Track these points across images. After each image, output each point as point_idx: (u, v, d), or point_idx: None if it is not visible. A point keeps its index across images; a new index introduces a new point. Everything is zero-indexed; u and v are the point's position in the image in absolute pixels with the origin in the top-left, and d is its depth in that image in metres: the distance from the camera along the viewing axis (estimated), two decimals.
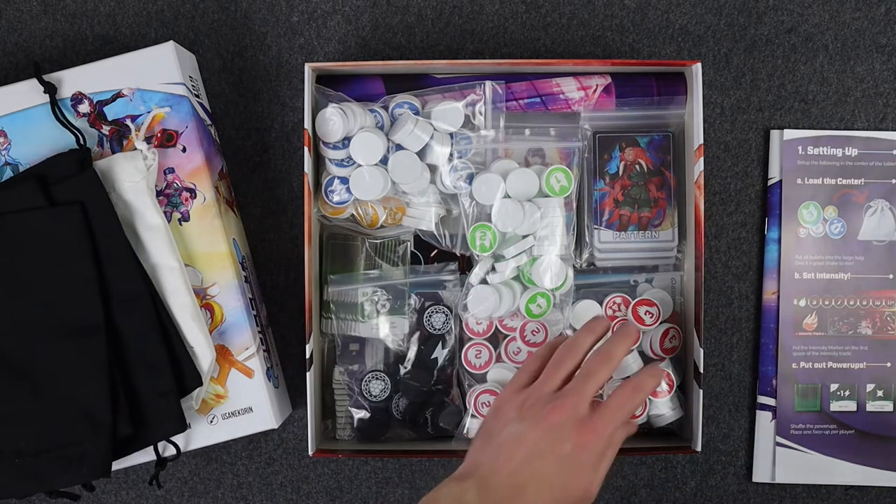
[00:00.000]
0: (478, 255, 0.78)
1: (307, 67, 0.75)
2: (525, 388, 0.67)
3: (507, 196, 0.77)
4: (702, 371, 0.74)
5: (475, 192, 0.77)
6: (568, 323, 0.79)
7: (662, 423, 0.78)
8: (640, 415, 0.77)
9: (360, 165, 0.77)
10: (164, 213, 0.75)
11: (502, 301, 0.77)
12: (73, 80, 0.76)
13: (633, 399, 0.65)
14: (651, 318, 0.78)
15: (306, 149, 0.75)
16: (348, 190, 0.77)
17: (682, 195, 0.80)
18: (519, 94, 0.79)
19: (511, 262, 0.77)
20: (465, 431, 0.78)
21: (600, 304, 0.79)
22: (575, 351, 0.68)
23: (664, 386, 0.77)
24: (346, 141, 0.77)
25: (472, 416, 0.78)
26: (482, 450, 0.65)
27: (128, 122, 0.76)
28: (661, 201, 0.79)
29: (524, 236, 0.78)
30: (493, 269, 0.78)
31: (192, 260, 0.76)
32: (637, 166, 0.79)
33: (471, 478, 0.63)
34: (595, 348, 0.68)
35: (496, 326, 0.79)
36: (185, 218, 0.76)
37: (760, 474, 0.85)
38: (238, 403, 0.77)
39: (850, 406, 0.85)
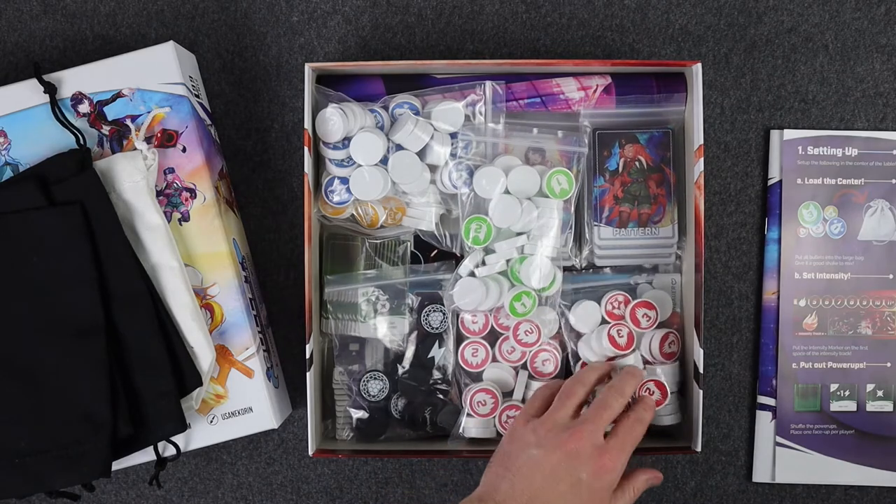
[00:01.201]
0: (469, 248, 0.78)
1: (307, 67, 0.75)
2: (537, 417, 0.70)
3: (506, 192, 0.77)
4: (702, 371, 0.74)
5: (476, 184, 0.77)
6: (568, 324, 0.79)
7: (661, 424, 0.78)
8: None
9: (360, 165, 0.77)
10: (164, 213, 0.75)
11: (489, 295, 0.77)
12: (73, 80, 0.76)
13: (636, 429, 0.69)
14: (648, 320, 0.77)
15: (306, 149, 0.75)
16: (348, 190, 0.77)
17: (682, 192, 0.80)
18: (519, 94, 0.79)
19: (501, 257, 0.77)
20: (461, 430, 0.78)
21: (599, 301, 0.79)
22: (584, 383, 0.71)
23: (658, 395, 0.77)
24: (346, 141, 0.77)
25: (469, 415, 0.78)
26: (500, 474, 0.67)
27: (128, 122, 0.76)
28: (660, 198, 0.79)
29: (518, 233, 0.78)
30: (483, 262, 0.78)
31: (192, 260, 0.76)
32: (637, 163, 0.79)
33: (489, 501, 0.64)
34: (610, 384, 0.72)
35: (492, 325, 0.79)
36: (185, 218, 0.76)
37: (760, 474, 0.85)
38: (238, 403, 0.77)
39: (850, 406, 0.85)
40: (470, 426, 0.78)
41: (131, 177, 0.74)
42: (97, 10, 0.85)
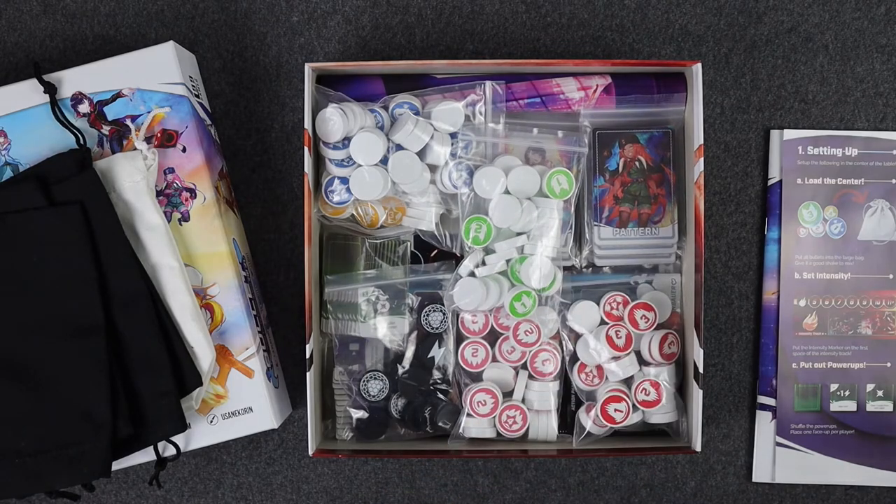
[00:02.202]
0: (469, 248, 0.78)
1: (307, 67, 0.75)
2: None
3: (506, 192, 0.77)
4: (702, 371, 0.74)
5: (476, 184, 0.77)
6: (567, 324, 0.79)
7: (659, 421, 0.78)
8: (624, 421, 0.76)
9: (360, 165, 0.77)
10: (164, 213, 0.75)
11: (489, 295, 0.77)
12: (73, 80, 0.76)
13: None
14: (646, 322, 0.77)
15: (306, 149, 0.75)
16: (348, 190, 0.77)
17: (682, 192, 0.80)
18: (519, 94, 0.79)
19: (501, 257, 0.77)
20: (461, 430, 0.78)
21: (598, 302, 0.79)
22: None
23: (654, 395, 0.77)
24: (346, 141, 0.77)
25: (469, 415, 0.78)
26: None
27: (128, 122, 0.76)
28: (660, 198, 0.79)
29: (518, 233, 0.78)
30: (483, 262, 0.78)
31: (192, 260, 0.76)
32: (637, 163, 0.79)
33: None
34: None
35: (492, 325, 0.79)
36: (185, 218, 0.76)
37: (760, 474, 0.85)
38: (238, 403, 0.77)
39: (850, 406, 0.85)
40: (470, 426, 0.78)
41: (131, 177, 0.74)
42: (97, 10, 0.85)
